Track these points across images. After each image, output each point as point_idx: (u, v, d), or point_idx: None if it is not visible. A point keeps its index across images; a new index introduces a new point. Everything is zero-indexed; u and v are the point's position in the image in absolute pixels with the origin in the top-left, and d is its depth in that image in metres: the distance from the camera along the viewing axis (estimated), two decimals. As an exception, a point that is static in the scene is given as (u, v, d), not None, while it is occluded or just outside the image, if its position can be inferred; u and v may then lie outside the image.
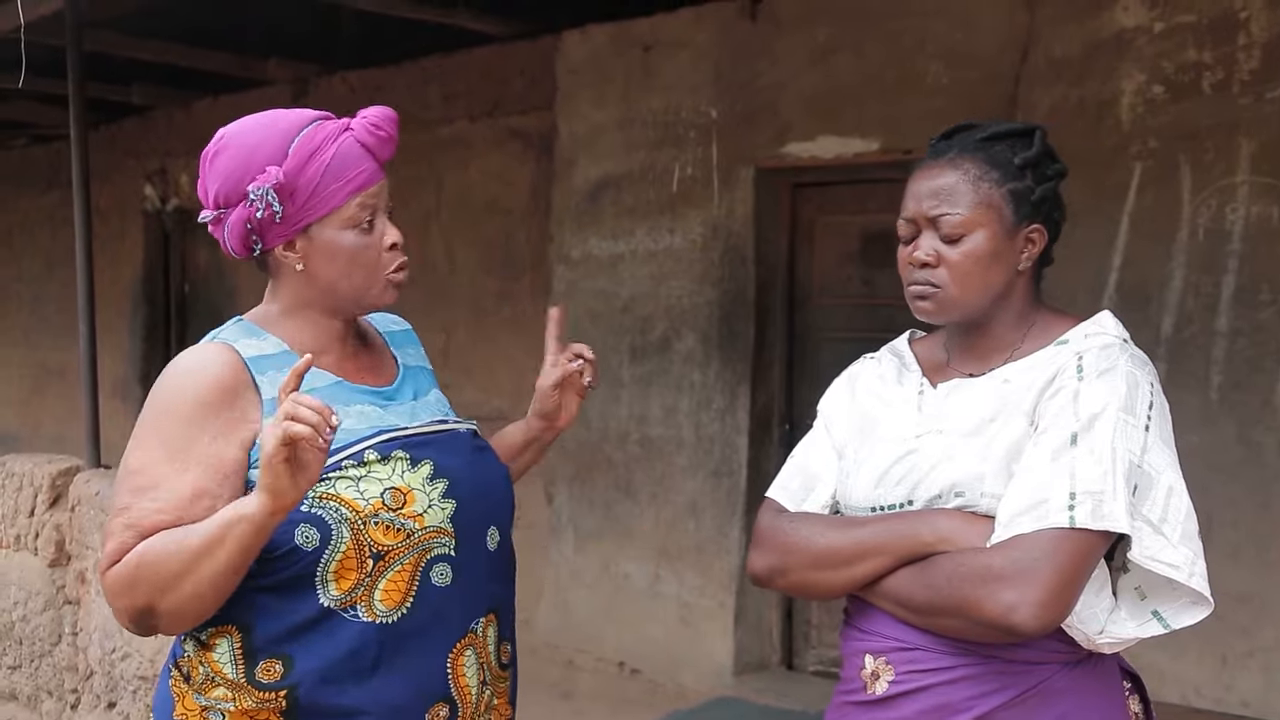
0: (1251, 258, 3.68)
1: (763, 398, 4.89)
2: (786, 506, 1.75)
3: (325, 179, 1.66)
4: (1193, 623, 1.52)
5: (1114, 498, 1.46)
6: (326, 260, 1.70)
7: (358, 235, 1.70)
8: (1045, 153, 1.64)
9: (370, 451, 1.64)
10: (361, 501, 1.61)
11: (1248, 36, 3.66)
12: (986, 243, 1.60)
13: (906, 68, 4.32)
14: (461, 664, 1.70)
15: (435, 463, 1.68)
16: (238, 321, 1.77)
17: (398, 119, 1.74)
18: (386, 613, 1.63)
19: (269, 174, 1.63)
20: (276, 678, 1.63)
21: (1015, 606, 1.44)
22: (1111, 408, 1.50)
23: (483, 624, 1.74)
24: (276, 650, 1.63)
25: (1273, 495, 3.65)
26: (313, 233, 1.68)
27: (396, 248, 1.74)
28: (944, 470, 1.57)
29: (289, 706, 1.63)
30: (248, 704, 1.63)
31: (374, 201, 1.71)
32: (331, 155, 1.67)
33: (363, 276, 1.72)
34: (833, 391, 1.83)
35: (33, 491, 4.62)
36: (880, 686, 1.60)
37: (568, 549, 5.36)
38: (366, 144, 1.70)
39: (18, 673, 4.79)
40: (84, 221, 4.74)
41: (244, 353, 1.68)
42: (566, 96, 5.38)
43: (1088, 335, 1.60)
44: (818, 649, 4.87)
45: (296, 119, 1.70)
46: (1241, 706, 3.67)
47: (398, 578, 1.63)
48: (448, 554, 1.67)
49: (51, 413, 8.80)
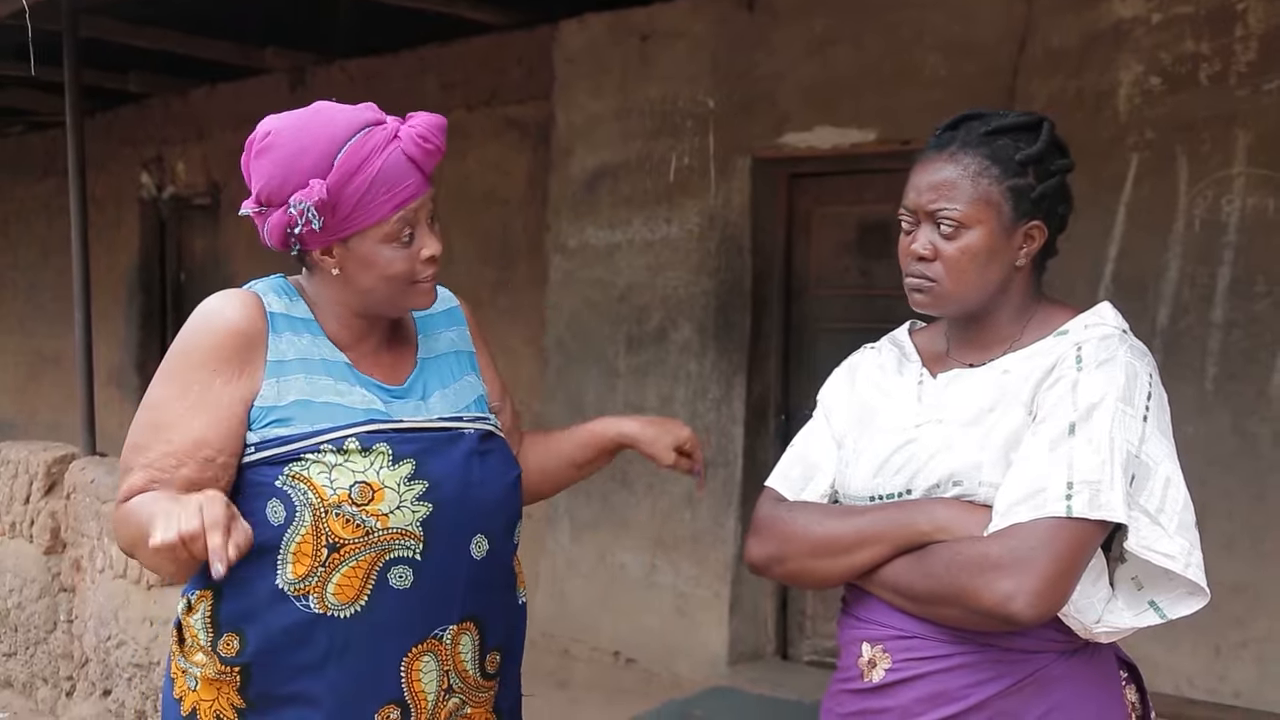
0: (1247, 249, 3.68)
1: (759, 388, 4.89)
2: (786, 495, 1.75)
3: (368, 195, 1.63)
4: (1189, 613, 1.52)
5: (1111, 487, 1.46)
6: (362, 270, 1.68)
7: (396, 249, 1.67)
8: (1051, 147, 1.62)
9: (352, 440, 1.63)
10: (329, 490, 1.61)
11: (1245, 28, 3.65)
12: (983, 240, 1.59)
13: (904, 59, 4.32)
14: (417, 669, 1.68)
15: (418, 463, 1.66)
16: (279, 278, 1.77)
17: (445, 127, 1.69)
18: (339, 606, 1.64)
19: (312, 189, 1.60)
20: (233, 653, 1.66)
21: (1012, 595, 1.44)
22: (1110, 398, 1.50)
23: (453, 632, 1.71)
24: (235, 625, 1.66)
25: (1267, 486, 3.65)
26: (351, 244, 1.66)
27: (434, 260, 1.70)
28: (942, 459, 1.58)
29: (242, 683, 1.67)
30: (211, 673, 1.68)
31: (416, 215, 1.67)
32: (377, 170, 1.62)
33: (396, 287, 1.70)
34: (833, 381, 1.83)
35: (28, 479, 4.62)
36: (877, 674, 1.60)
37: (564, 539, 5.37)
38: (413, 157, 1.65)
39: (13, 660, 4.80)
40: (80, 209, 4.73)
41: (270, 307, 1.70)
42: (564, 86, 5.38)
43: (1087, 326, 1.60)
44: (812, 639, 4.88)
45: (346, 124, 1.65)
46: (1234, 697, 3.68)
47: (352, 573, 1.63)
48: (410, 557, 1.65)
49: (47, 400, 8.79)
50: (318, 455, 1.62)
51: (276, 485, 1.62)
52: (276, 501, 1.63)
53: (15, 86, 7.04)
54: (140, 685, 3.93)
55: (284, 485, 1.62)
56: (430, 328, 1.86)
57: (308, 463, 1.62)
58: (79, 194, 4.75)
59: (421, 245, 1.69)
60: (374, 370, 1.75)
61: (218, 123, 7.18)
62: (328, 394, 1.67)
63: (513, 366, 5.60)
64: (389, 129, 1.66)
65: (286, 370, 1.67)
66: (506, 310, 5.72)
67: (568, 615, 5.32)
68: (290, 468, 1.62)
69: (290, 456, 1.63)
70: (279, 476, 1.62)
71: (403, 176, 1.64)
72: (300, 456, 1.62)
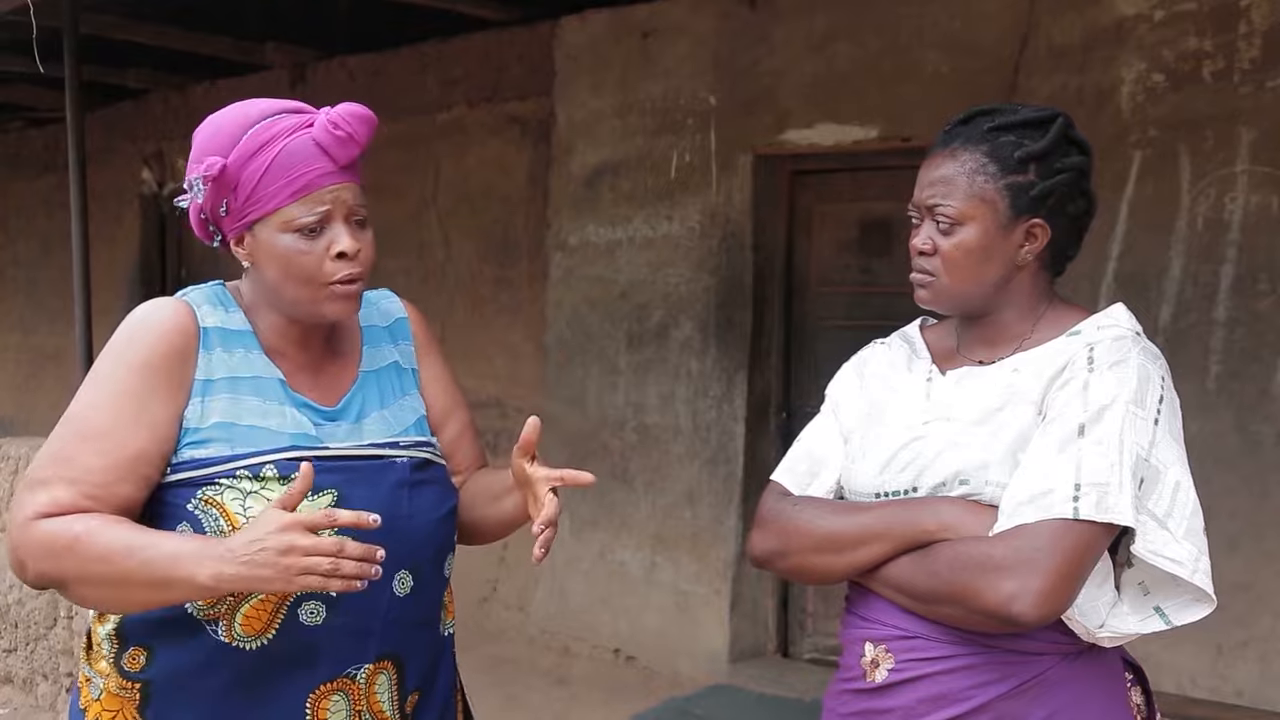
0: (1250, 247, 3.67)
1: (760, 385, 4.88)
2: (791, 490, 1.74)
3: (266, 178, 1.57)
4: (1195, 620, 1.51)
5: (1120, 490, 1.45)
6: (268, 261, 1.61)
7: (297, 239, 1.58)
8: (1060, 144, 1.60)
9: (270, 467, 1.56)
10: (241, 518, 1.53)
11: (1248, 25, 3.65)
12: (977, 237, 1.59)
13: (905, 55, 4.31)
14: (325, 708, 1.60)
15: (340, 493, 1.58)
16: (216, 285, 1.72)
17: (371, 120, 1.60)
18: (245, 639, 1.57)
19: (204, 165, 1.57)
20: (137, 668, 1.60)
21: (1016, 596, 1.43)
22: (1121, 400, 1.49)
23: (368, 671, 1.62)
24: (142, 639, 1.60)
25: (1270, 485, 3.65)
26: (257, 231, 1.60)
27: (345, 257, 1.59)
28: (949, 458, 1.57)
29: (141, 701, 1.60)
30: (113, 687, 1.62)
31: (322, 205, 1.58)
32: (277, 153, 1.57)
33: (302, 284, 1.60)
34: (842, 376, 1.82)
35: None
36: (880, 674, 1.59)
37: (564, 536, 5.35)
38: (322, 143, 1.58)
39: (13, 656, 4.79)
40: (81, 205, 4.73)
41: (203, 320, 1.63)
42: (565, 83, 5.37)
43: (1100, 327, 1.59)
44: (813, 637, 4.88)
45: (263, 110, 1.61)
46: (1236, 696, 3.68)
47: (261, 606, 1.56)
48: (323, 593, 1.54)
49: (47, 397, 8.78)
50: (233, 481, 1.55)
51: (188, 509, 1.55)
52: (187, 526, 1.55)
53: (15, 82, 7.02)
54: (140, 682, 3.93)
55: (195, 510, 1.55)
56: (375, 340, 1.78)
57: (221, 488, 1.55)
58: (80, 190, 4.74)
59: (332, 240, 1.59)
60: (309, 388, 1.67)
61: (218, 119, 7.17)
62: (252, 416, 1.59)
63: (513, 364, 5.60)
64: (306, 117, 1.61)
65: (212, 390, 1.60)
66: (507, 308, 5.71)
67: (568, 613, 5.32)
68: (204, 491, 1.55)
69: (204, 480, 1.56)
70: (191, 499, 1.55)
71: (307, 160, 1.57)
72: (214, 481, 1.55)
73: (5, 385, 9.43)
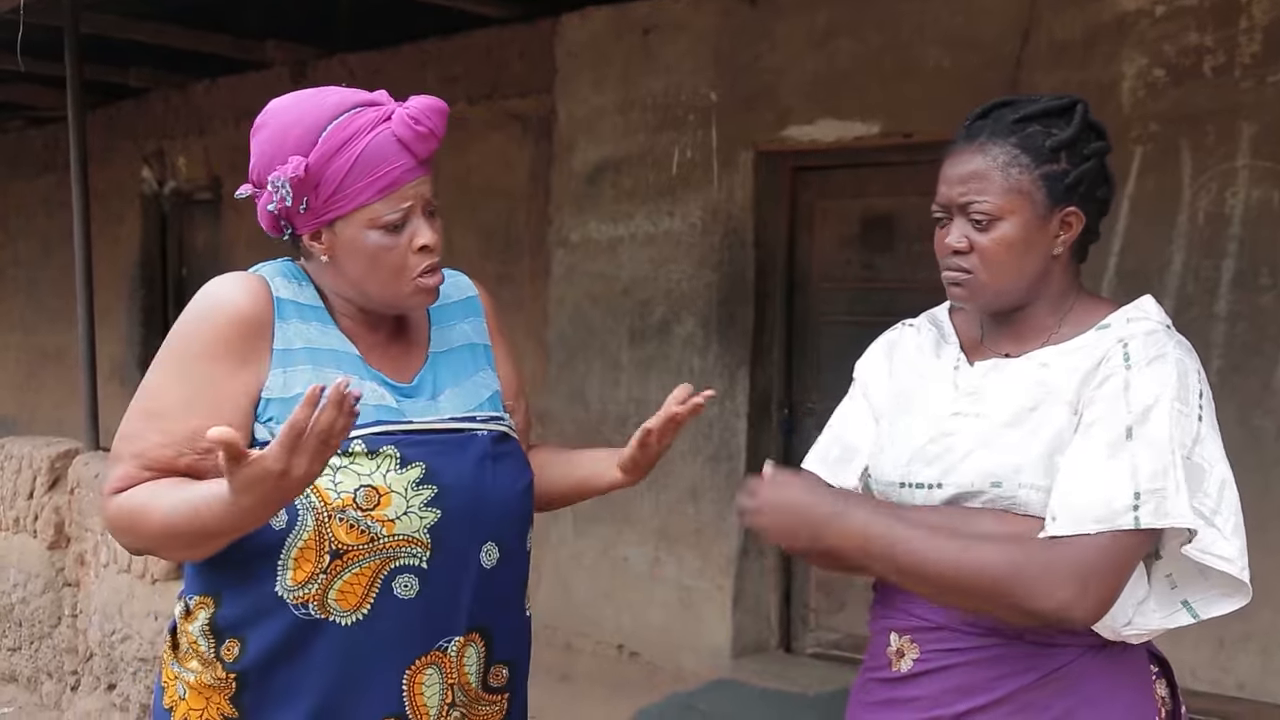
0: (1251, 242, 3.67)
1: (762, 382, 4.89)
2: (825, 478, 1.72)
3: (351, 176, 1.56)
4: (1223, 613, 1.50)
5: (1176, 493, 1.43)
6: (350, 257, 1.61)
7: (382, 236, 1.59)
8: (1085, 130, 1.59)
9: (358, 443, 1.55)
10: (333, 494, 1.53)
11: (1249, 20, 3.64)
12: (1018, 230, 1.55)
13: (907, 51, 4.31)
14: (420, 681, 1.62)
15: (428, 466, 1.59)
16: (287, 261, 1.70)
17: (445, 111, 1.61)
18: (341, 614, 1.57)
19: (290, 165, 1.56)
20: (234, 658, 1.60)
21: (1072, 604, 1.41)
22: (1165, 399, 1.46)
23: (458, 644, 1.64)
24: (237, 630, 1.60)
25: (1272, 479, 3.65)
26: (338, 228, 1.60)
27: (427, 250, 1.62)
28: (979, 458, 1.53)
29: (237, 691, 1.60)
30: (208, 679, 1.62)
31: (406, 201, 1.59)
32: (361, 150, 1.56)
33: (387, 278, 1.62)
34: (870, 356, 1.79)
35: (32, 474, 4.62)
36: (905, 664, 1.59)
37: (567, 532, 5.36)
38: (403, 139, 1.58)
39: (17, 655, 4.80)
40: (82, 204, 4.73)
41: (277, 291, 1.63)
42: (565, 79, 5.37)
43: (1130, 320, 1.56)
44: (816, 632, 4.88)
45: (337, 103, 1.60)
46: (1238, 689, 3.68)
47: (355, 580, 1.56)
48: (416, 565, 1.58)
49: (50, 396, 8.79)
50: None
51: None
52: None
53: (15, 81, 7.02)
54: (145, 679, 3.94)
55: None
56: (444, 318, 1.78)
57: None
58: (81, 189, 4.75)
59: (414, 234, 1.60)
60: (382, 365, 1.67)
61: (218, 117, 7.17)
62: None
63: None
64: (382, 110, 1.60)
65: (293, 360, 1.60)
66: (509, 304, 5.70)
67: (571, 609, 5.33)
68: None
69: None
70: None
71: (390, 158, 1.57)
72: None
73: (6, 384, 9.44)
